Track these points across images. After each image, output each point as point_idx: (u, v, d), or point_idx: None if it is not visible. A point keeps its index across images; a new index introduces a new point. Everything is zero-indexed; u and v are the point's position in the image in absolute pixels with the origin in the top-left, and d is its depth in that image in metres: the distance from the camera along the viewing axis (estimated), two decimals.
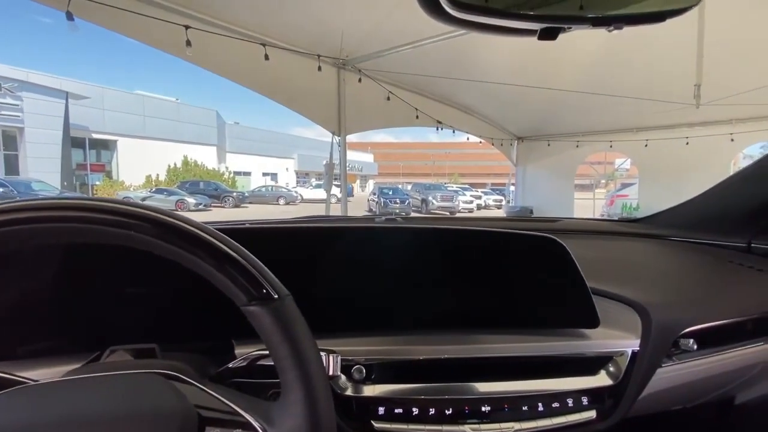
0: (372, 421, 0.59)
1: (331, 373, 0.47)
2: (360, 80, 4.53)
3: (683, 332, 0.71)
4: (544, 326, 0.67)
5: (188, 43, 3.00)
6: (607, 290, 0.80)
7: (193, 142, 21.81)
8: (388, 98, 4.86)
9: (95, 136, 18.38)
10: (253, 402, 0.40)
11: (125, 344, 0.52)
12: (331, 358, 0.47)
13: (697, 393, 0.92)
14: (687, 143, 6.31)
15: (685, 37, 3.59)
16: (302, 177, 29.44)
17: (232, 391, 0.42)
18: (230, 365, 0.52)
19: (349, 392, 0.59)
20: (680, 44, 3.94)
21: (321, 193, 15.47)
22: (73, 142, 16.72)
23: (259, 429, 0.37)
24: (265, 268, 0.39)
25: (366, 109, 5.01)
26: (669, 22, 0.50)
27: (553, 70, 5.24)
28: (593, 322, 0.65)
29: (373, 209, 15.56)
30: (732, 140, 6.15)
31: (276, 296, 0.38)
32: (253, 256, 0.39)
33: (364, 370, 0.60)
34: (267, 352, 0.48)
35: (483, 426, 0.60)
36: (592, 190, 12.69)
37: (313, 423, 0.36)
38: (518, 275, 0.67)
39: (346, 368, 0.60)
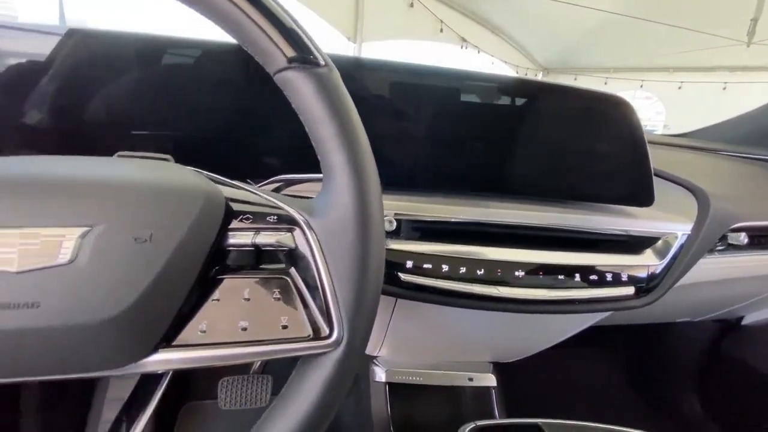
0: (399, 273, 0.55)
1: None
2: None
3: (736, 225, 0.66)
4: (595, 199, 0.61)
5: None
6: (665, 171, 0.73)
7: None
8: (412, 5, 4.42)
9: None
10: (290, 197, 0.34)
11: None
12: None
13: (728, 295, 0.89)
14: (724, 88, 5.90)
15: None
16: None
17: (266, 190, 0.36)
18: (263, 185, 0.46)
19: None
20: None
21: None
22: None
23: (300, 220, 0.32)
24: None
25: (386, 17, 4.59)
26: None
27: None
28: (648, 199, 0.59)
29: None
30: None
31: (324, 63, 0.30)
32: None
33: (395, 223, 0.55)
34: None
35: (515, 290, 0.56)
36: None
37: (364, 214, 0.30)
38: (574, 138, 0.59)
39: None
